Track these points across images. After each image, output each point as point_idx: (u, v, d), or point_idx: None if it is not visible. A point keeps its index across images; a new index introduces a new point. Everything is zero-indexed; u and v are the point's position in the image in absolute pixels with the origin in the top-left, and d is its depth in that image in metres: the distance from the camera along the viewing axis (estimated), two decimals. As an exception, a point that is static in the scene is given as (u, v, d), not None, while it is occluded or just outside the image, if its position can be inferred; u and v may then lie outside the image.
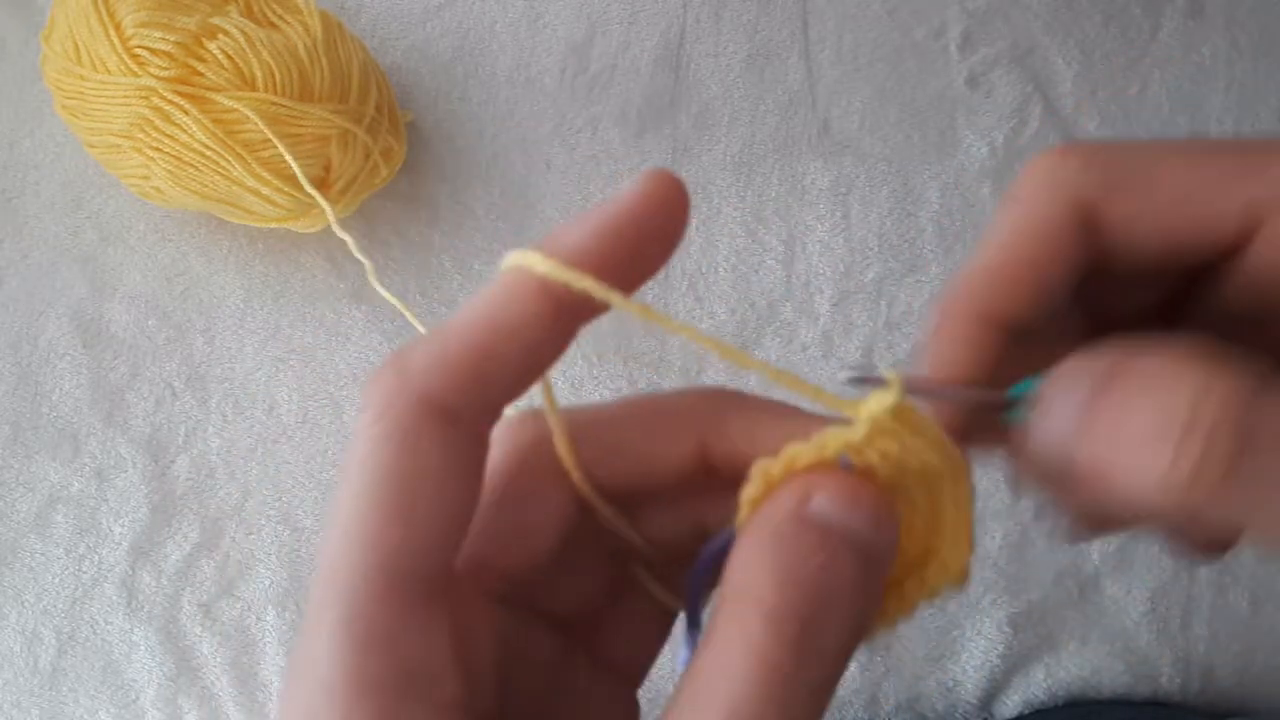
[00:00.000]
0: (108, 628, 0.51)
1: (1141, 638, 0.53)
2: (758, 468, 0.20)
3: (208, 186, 0.48)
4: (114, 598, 0.51)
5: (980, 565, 0.52)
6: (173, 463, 0.52)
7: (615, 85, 0.57)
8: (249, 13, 0.49)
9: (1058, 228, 0.22)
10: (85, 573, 0.51)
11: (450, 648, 0.20)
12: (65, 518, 0.51)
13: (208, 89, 0.46)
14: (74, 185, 0.55)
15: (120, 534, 0.51)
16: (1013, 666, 0.52)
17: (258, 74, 0.47)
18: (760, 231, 0.55)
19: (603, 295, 0.19)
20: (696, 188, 0.56)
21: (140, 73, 0.46)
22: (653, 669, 0.25)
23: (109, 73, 0.47)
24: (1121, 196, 0.22)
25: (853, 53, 0.58)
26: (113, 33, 0.46)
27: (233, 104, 0.46)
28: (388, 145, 0.51)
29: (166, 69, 0.46)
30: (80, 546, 0.51)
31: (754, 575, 0.19)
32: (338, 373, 0.53)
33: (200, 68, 0.46)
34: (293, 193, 0.48)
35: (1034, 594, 0.52)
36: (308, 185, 0.48)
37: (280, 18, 0.50)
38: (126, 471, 0.52)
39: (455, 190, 0.55)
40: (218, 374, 0.53)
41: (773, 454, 0.20)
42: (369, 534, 0.19)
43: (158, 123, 0.47)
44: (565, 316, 0.20)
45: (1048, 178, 0.23)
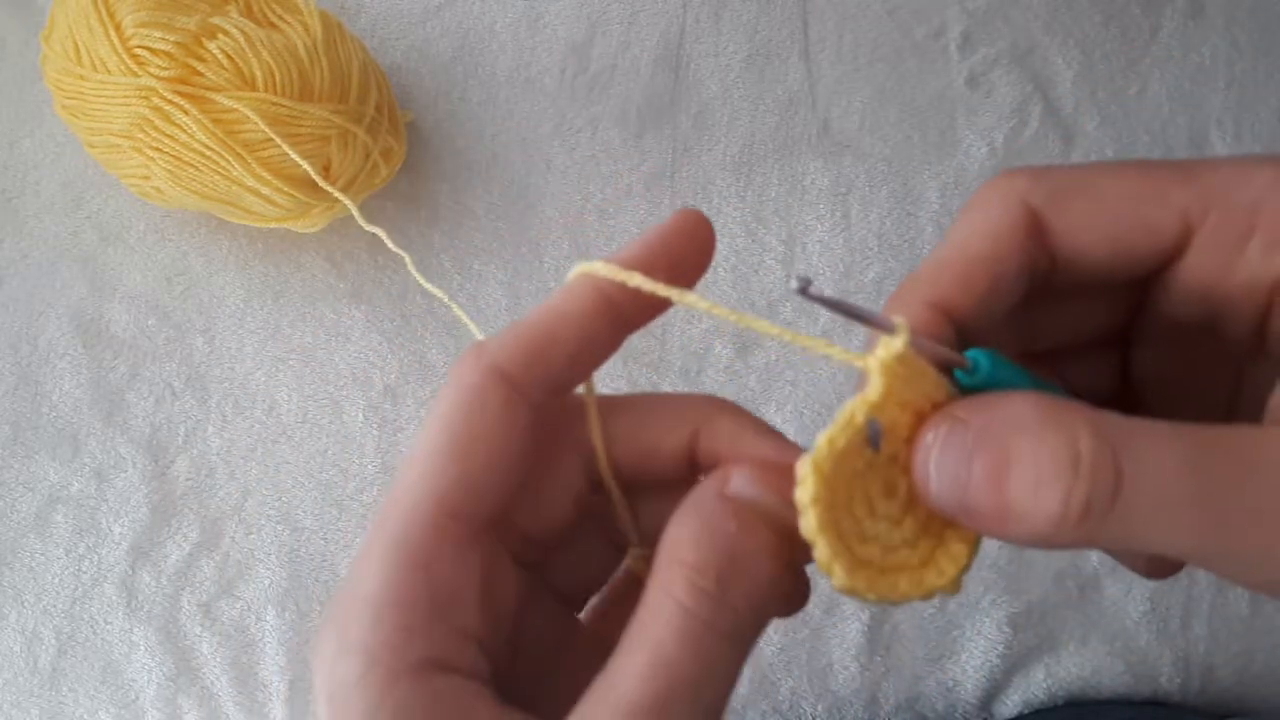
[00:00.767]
0: (108, 628, 0.51)
1: (1141, 638, 0.53)
2: (803, 464, 0.22)
3: (208, 186, 0.48)
4: (114, 598, 0.51)
5: (980, 565, 0.53)
6: (173, 463, 0.52)
7: (615, 85, 0.57)
8: (249, 13, 0.49)
9: (1006, 228, 0.24)
10: (85, 573, 0.51)
11: (479, 586, 0.22)
12: (65, 518, 0.51)
13: (208, 89, 0.46)
14: (74, 185, 0.55)
15: (120, 534, 0.51)
16: (1013, 666, 0.52)
17: (258, 74, 0.47)
18: (760, 231, 0.55)
19: (649, 287, 0.23)
20: (696, 188, 0.56)
21: (140, 73, 0.46)
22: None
23: (109, 73, 0.47)
24: (1065, 205, 0.24)
25: (853, 53, 0.58)
26: (113, 33, 0.46)
27: (233, 104, 0.46)
28: (388, 145, 0.51)
29: (166, 69, 0.46)
30: (80, 546, 0.51)
31: (679, 541, 0.22)
32: (338, 373, 0.53)
33: (200, 68, 0.46)
34: (293, 192, 0.48)
35: (1034, 594, 0.52)
36: (321, 181, 0.48)
37: (280, 18, 0.50)
38: (126, 471, 0.52)
39: (455, 190, 0.55)
40: (218, 374, 0.53)
41: (752, 458, 0.24)
42: (430, 470, 0.22)
43: (158, 123, 0.47)
44: (615, 315, 0.24)
45: (998, 190, 0.25)
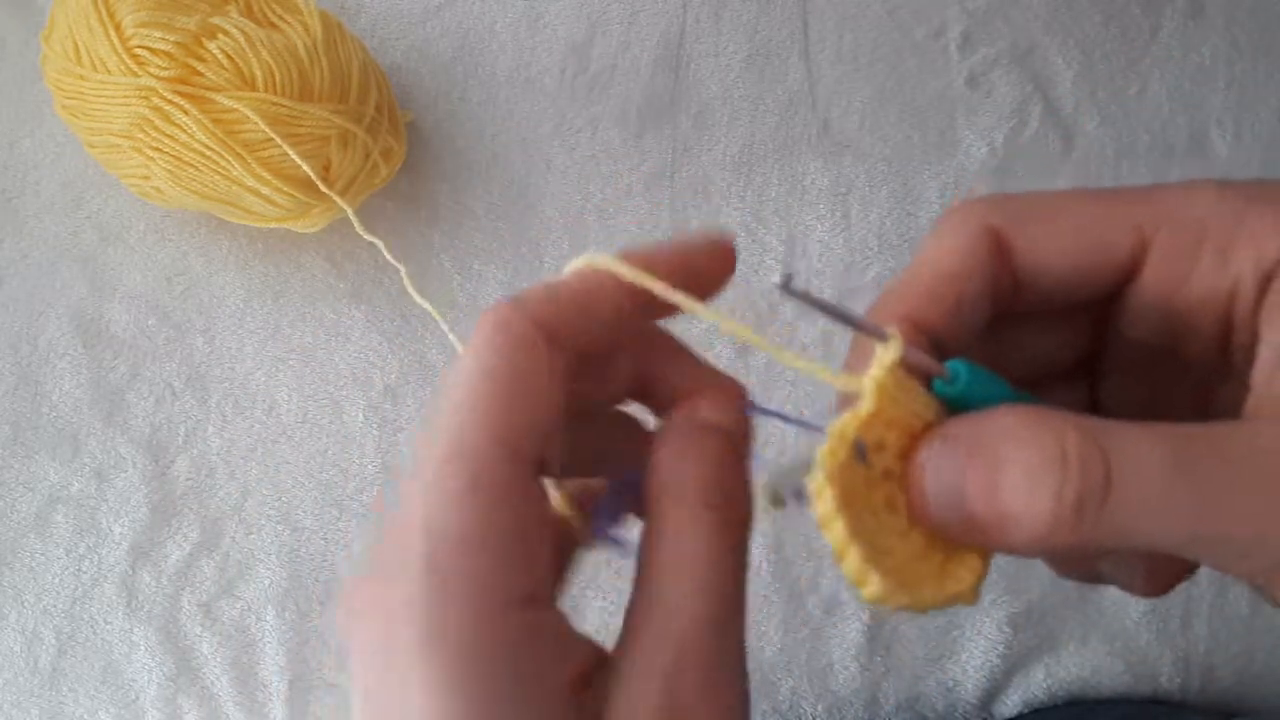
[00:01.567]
0: (108, 628, 0.51)
1: (1141, 638, 0.53)
2: (814, 479, 0.23)
3: (208, 186, 0.48)
4: (114, 598, 0.51)
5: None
6: (173, 463, 0.52)
7: (615, 85, 0.57)
8: (249, 13, 0.49)
9: (970, 247, 0.25)
10: (85, 573, 0.51)
11: (544, 517, 0.23)
12: (65, 518, 0.51)
13: (208, 89, 0.46)
14: (74, 185, 0.55)
15: (120, 534, 0.51)
16: (1013, 666, 0.52)
17: (258, 74, 0.47)
18: (760, 231, 0.55)
19: (658, 290, 0.24)
20: (696, 188, 0.56)
21: (140, 73, 0.46)
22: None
23: (109, 73, 0.47)
24: (1026, 226, 0.25)
25: (853, 53, 0.58)
26: (113, 33, 0.46)
27: (233, 104, 0.46)
28: (388, 145, 0.51)
29: (166, 69, 0.46)
30: (80, 546, 0.51)
31: (682, 468, 0.24)
32: (338, 373, 0.53)
33: (200, 68, 0.46)
34: (293, 192, 0.48)
35: (1034, 594, 0.52)
36: (322, 185, 0.48)
37: (280, 18, 0.50)
38: (126, 471, 0.52)
39: (455, 190, 0.55)
40: (218, 374, 0.53)
41: (698, 385, 0.26)
42: (493, 413, 0.22)
43: (158, 123, 0.47)
44: (641, 299, 0.24)
45: (961, 213, 0.26)
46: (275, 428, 0.53)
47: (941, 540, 0.23)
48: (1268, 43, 0.58)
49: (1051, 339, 0.28)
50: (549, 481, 0.25)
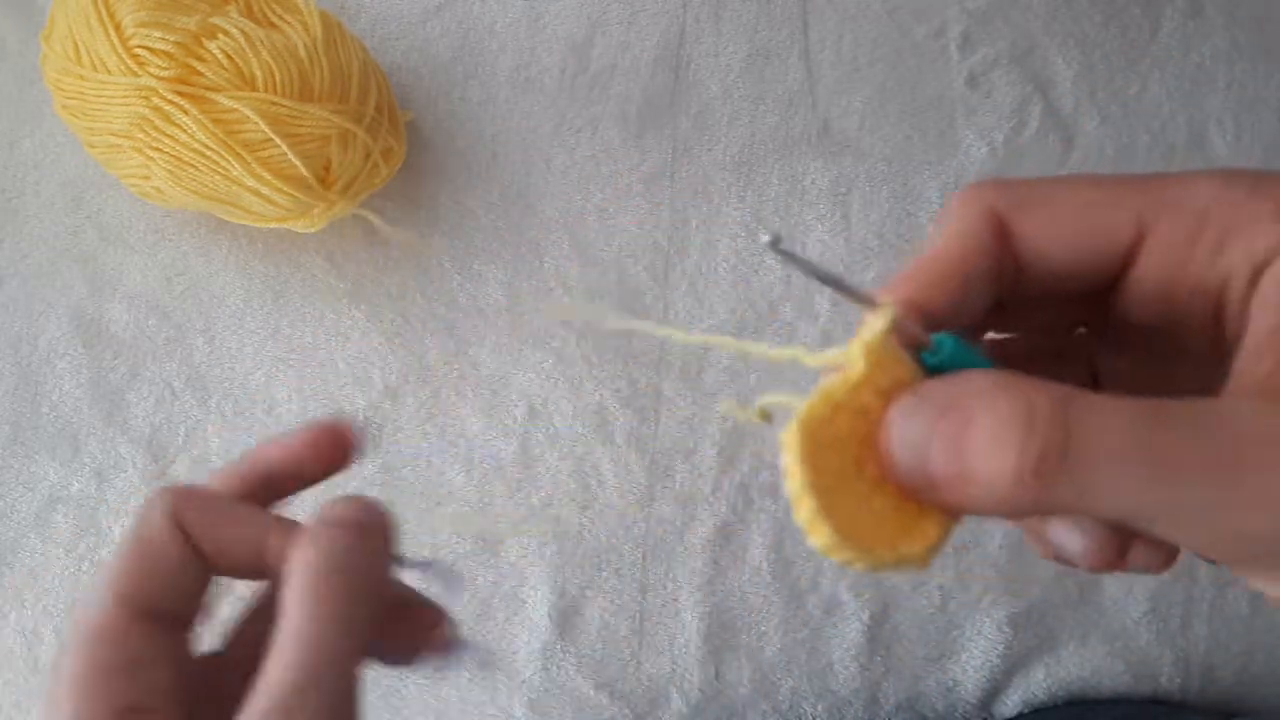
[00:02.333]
0: (108, 628, 0.51)
1: (1141, 638, 0.53)
2: (788, 430, 0.23)
3: (208, 186, 0.48)
4: (114, 598, 0.51)
5: (980, 565, 0.53)
6: (173, 463, 0.52)
7: (615, 85, 0.57)
8: (249, 13, 0.49)
9: (974, 232, 0.26)
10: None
11: (166, 653, 0.28)
12: (65, 518, 0.51)
13: (208, 89, 0.46)
14: (74, 185, 0.55)
15: (120, 534, 0.51)
16: (1013, 666, 0.52)
17: (258, 74, 0.47)
18: (760, 231, 0.55)
19: None
20: (696, 188, 0.56)
21: (140, 73, 0.46)
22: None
23: (109, 73, 0.47)
24: (1028, 210, 0.26)
25: (853, 53, 0.58)
26: (113, 33, 0.46)
27: (233, 104, 0.46)
28: (388, 145, 0.51)
29: (166, 69, 0.46)
30: (80, 546, 0.51)
31: (294, 556, 0.27)
32: (338, 373, 0.53)
33: (200, 68, 0.46)
34: (292, 192, 0.48)
35: (1033, 594, 0.52)
36: (319, 187, 0.48)
37: (280, 18, 0.50)
38: (126, 471, 0.52)
39: (455, 190, 0.55)
40: (218, 374, 0.53)
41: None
42: (116, 578, 0.27)
43: (158, 123, 0.47)
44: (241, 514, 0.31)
45: (966, 199, 0.26)
46: (275, 428, 0.53)
47: (906, 506, 0.24)
48: (1268, 43, 0.58)
49: (1052, 322, 0.28)
50: None
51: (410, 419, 0.53)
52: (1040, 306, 0.28)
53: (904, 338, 0.24)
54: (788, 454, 0.23)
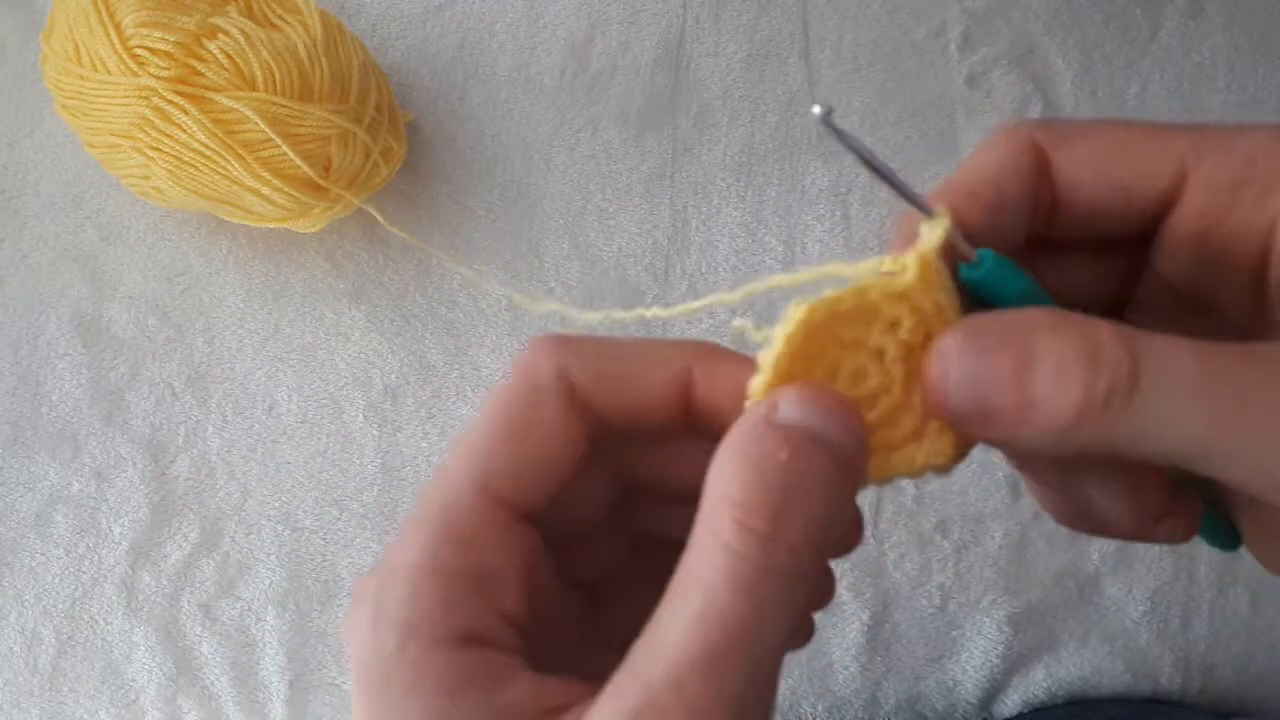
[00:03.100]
0: (108, 628, 0.51)
1: (1141, 638, 0.53)
2: (797, 307, 0.22)
3: (208, 186, 0.48)
4: (114, 598, 0.51)
5: (980, 565, 0.53)
6: (173, 463, 0.52)
7: (615, 85, 0.57)
8: (249, 13, 0.49)
9: (1012, 155, 0.25)
10: (85, 573, 0.51)
11: (519, 570, 0.23)
12: (65, 518, 0.51)
13: (208, 89, 0.46)
14: (74, 185, 0.55)
15: (120, 534, 0.51)
16: (1013, 666, 0.52)
17: (258, 74, 0.47)
18: (760, 231, 0.55)
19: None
20: (696, 188, 0.56)
21: (140, 73, 0.46)
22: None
23: (109, 73, 0.47)
24: (1067, 144, 0.25)
25: (853, 53, 0.58)
26: (113, 33, 0.46)
27: (233, 104, 0.46)
28: (388, 145, 0.51)
29: (166, 69, 0.46)
30: (80, 546, 0.51)
31: (725, 477, 0.21)
32: (338, 373, 0.53)
33: (200, 68, 0.46)
34: (293, 192, 0.48)
35: (1034, 594, 0.52)
36: (323, 182, 0.48)
37: (280, 18, 0.50)
38: (126, 471, 0.52)
39: (455, 190, 0.55)
40: (218, 374, 0.53)
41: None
42: (479, 454, 0.23)
43: (158, 123, 0.47)
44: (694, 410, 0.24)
45: (1007, 129, 0.26)
46: (275, 428, 0.53)
47: (882, 434, 0.23)
48: (1268, 43, 0.58)
49: (1086, 274, 0.28)
50: None
51: (410, 419, 0.53)
52: (1074, 261, 0.27)
53: (946, 251, 0.23)
54: (782, 327, 0.22)
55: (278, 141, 0.47)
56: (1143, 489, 0.25)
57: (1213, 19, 0.58)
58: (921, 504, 0.53)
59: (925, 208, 0.23)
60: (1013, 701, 0.52)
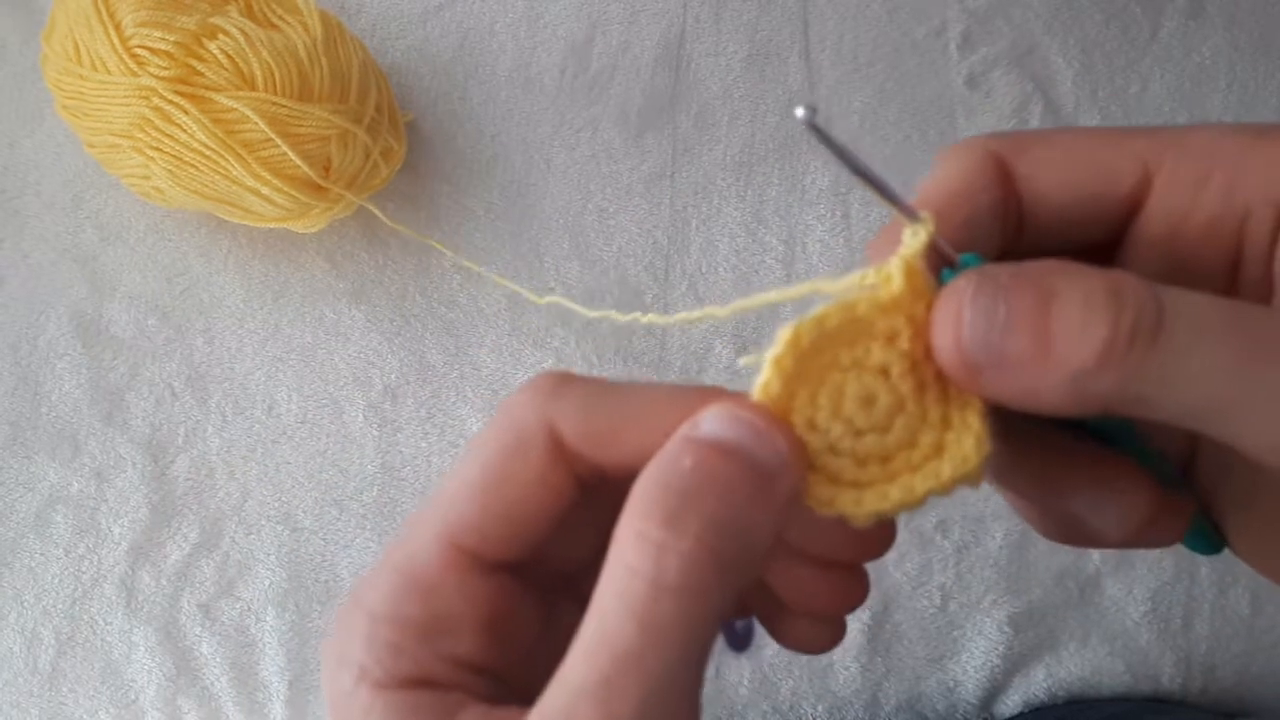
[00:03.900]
0: (107, 628, 0.51)
1: (1142, 638, 0.53)
2: (785, 329, 0.22)
3: (208, 186, 0.48)
4: (114, 598, 0.51)
5: (980, 565, 0.52)
6: (172, 463, 0.52)
7: (615, 85, 0.57)
8: (249, 13, 0.49)
9: (975, 169, 0.24)
10: (85, 573, 0.51)
11: (484, 617, 0.23)
12: (65, 518, 0.51)
13: (208, 89, 0.46)
14: (74, 185, 0.55)
15: (120, 534, 0.51)
16: (1013, 666, 0.52)
17: (257, 74, 0.47)
18: (760, 231, 0.55)
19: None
20: (696, 188, 0.56)
21: (140, 73, 0.46)
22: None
23: (109, 73, 0.47)
24: (1027, 152, 0.25)
25: (853, 53, 0.58)
26: (113, 33, 0.46)
27: (233, 104, 0.46)
28: (388, 145, 0.51)
29: (166, 69, 0.46)
30: (80, 546, 0.51)
31: (634, 493, 0.20)
32: (338, 373, 0.53)
33: (200, 67, 0.46)
34: (293, 192, 0.48)
35: (1034, 594, 0.52)
36: (324, 182, 0.48)
37: (280, 18, 0.50)
38: (126, 471, 0.52)
39: (455, 190, 0.55)
40: (217, 374, 0.53)
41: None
42: (451, 502, 0.23)
43: (158, 122, 0.47)
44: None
45: (964, 144, 0.25)
46: (275, 428, 0.53)
47: (886, 459, 0.22)
48: (1268, 43, 0.58)
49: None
50: None
51: (410, 419, 0.53)
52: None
53: (928, 258, 0.22)
54: (770, 351, 0.22)
55: (278, 141, 0.47)
56: (1128, 497, 0.25)
57: (1213, 19, 0.58)
58: (922, 504, 0.53)
59: (909, 211, 0.22)
60: (1013, 702, 0.52)
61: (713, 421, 0.21)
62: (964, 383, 0.22)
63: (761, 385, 0.22)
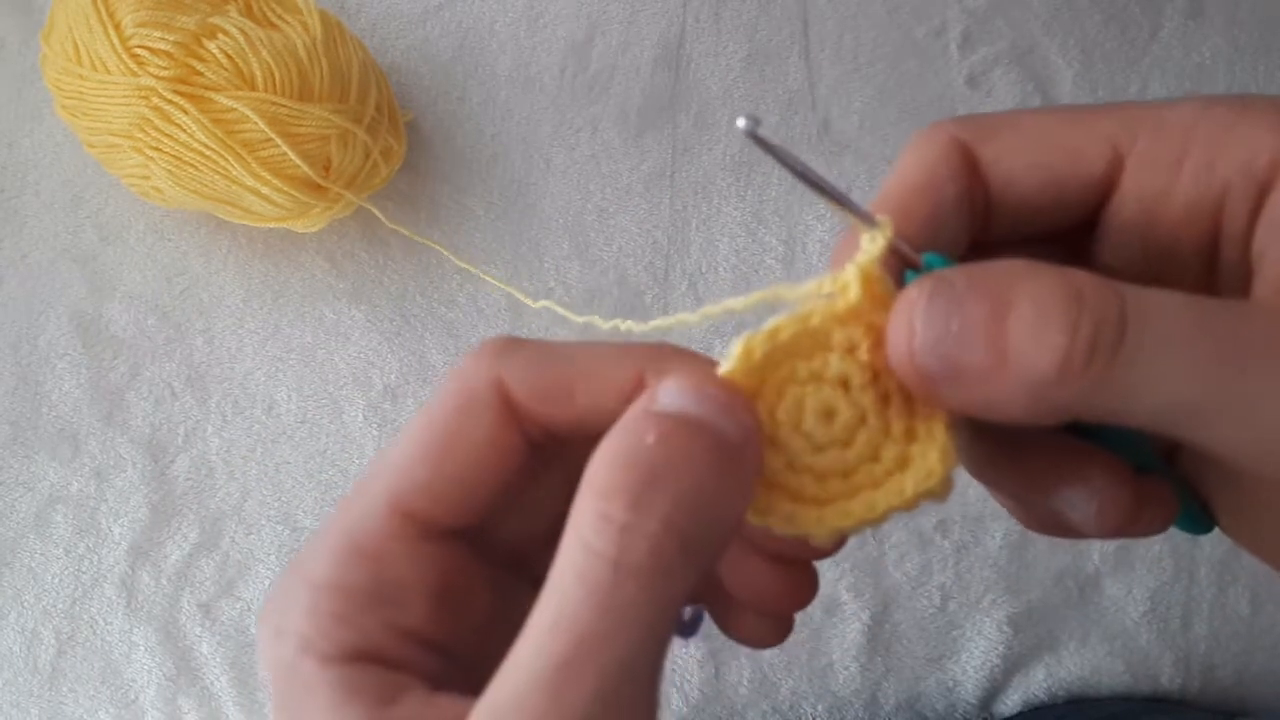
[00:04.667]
0: (108, 628, 0.51)
1: (1141, 638, 0.53)
2: (739, 341, 0.21)
3: (207, 186, 0.48)
4: (114, 598, 0.51)
5: (980, 565, 0.53)
6: (172, 463, 0.52)
7: (615, 85, 0.57)
8: (249, 12, 0.49)
9: (939, 159, 0.23)
10: (85, 573, 0.51)
11: (432, 587, 0.22)
12: (65, 518, 0.51)
13: (207, 89, 0.46)
14: (74, 185, 0.55)
15: (120, 534, 0.51)
16: (1013, 666, 0.52)
17: (257, 74, 0.47)
18: (760, 231, 0.55)
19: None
20: (696, 188, 0.56)
21: (140, 72, 0.46)
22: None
23: (109, 73, 0.47)
24: (992, 137, 0.24)
25: (853, 53, 0.58)
26: (112, 32, 0.46)
27: (232, 104, 0.46)
28: (388, 145, 0.51)
29: (166, 69, 0.46)
30: (80, 546, 0.51)
31: (593, 469, 0.19)
32: (337, 373, 0.53)
33: (200, 67, 0.46)
34: (293, 192, 0.48)
35: (1034, 594, 0.52)
36: (324, 182, 0.48)
37: (280, 17, 0.50)
38: (126, 471, 0.52)
39: (455, 190, 0.55)
40: (217, 374, 0.53)
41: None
42: (397, 469, 0.22)
43: (157, 122, 0.47)
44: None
45: (927, 132, 0.24)
46: (275, 428, 0.53)
47: (848, 474, 0.22)
48: (1268, 43, 0.58)
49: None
50: None
51: (410, 419, 0.53)
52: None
53: (889, 262, 0.22)
54: (723, 365, 0.21)
55: (277, 141, 0.47)
56: (1108, 493, 0.24)
57: (1213, 19, 0.58)
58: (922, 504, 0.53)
59: (866, 217, 0.21)
60: (1013, 702, 0.52)
61: (674, 394, 0.20)
62: (922, 395, 0.21)
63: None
